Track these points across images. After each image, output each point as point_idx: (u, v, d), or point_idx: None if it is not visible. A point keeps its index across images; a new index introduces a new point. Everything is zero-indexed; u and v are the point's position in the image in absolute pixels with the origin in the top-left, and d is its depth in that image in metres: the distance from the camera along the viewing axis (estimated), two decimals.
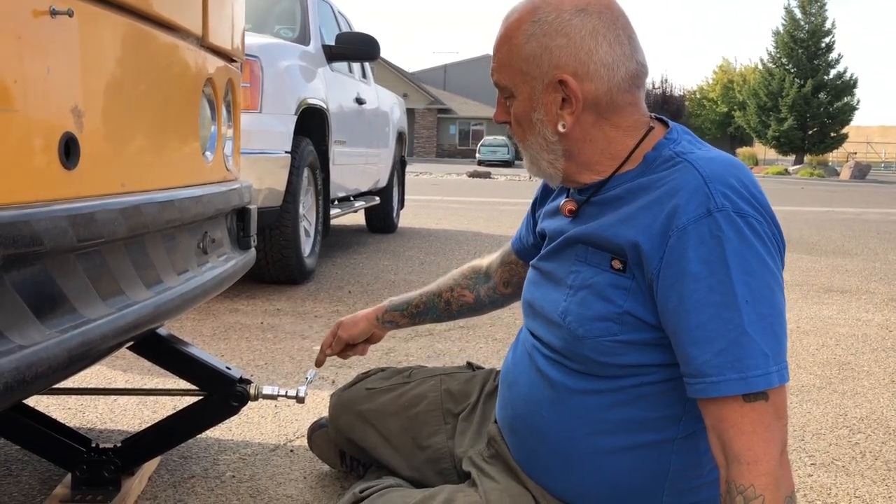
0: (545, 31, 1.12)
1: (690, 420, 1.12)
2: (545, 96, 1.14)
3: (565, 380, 1.18)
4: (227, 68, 1.80)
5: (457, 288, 1.62)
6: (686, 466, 1.16)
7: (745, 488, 0.99)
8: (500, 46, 1.18)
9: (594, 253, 1.15)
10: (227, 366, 1.68)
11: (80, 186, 1.11)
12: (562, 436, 1.19)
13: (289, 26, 4.80)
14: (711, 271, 1.02)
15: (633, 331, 1.11)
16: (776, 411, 1.01)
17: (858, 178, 29.50)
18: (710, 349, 1.01)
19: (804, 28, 36.05)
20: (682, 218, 1.04)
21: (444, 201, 11.46)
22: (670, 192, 1.07)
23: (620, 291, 1.11)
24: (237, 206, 1.82)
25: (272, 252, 3.93)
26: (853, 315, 3.88)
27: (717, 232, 1.02)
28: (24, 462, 1.81)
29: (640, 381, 1.13)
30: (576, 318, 1.15)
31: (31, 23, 0.99)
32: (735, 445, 1.01)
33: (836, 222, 9.60)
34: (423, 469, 1.49)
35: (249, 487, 1.72)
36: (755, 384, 1.00)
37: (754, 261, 1.03)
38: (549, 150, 1.17)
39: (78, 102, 1.11)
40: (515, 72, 1.15)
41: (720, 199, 1.04)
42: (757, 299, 1.02)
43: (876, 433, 2.20)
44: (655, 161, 1.13)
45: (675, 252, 1.04)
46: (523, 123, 1.18)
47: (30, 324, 0.94)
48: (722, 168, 1.08)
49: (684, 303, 1.03)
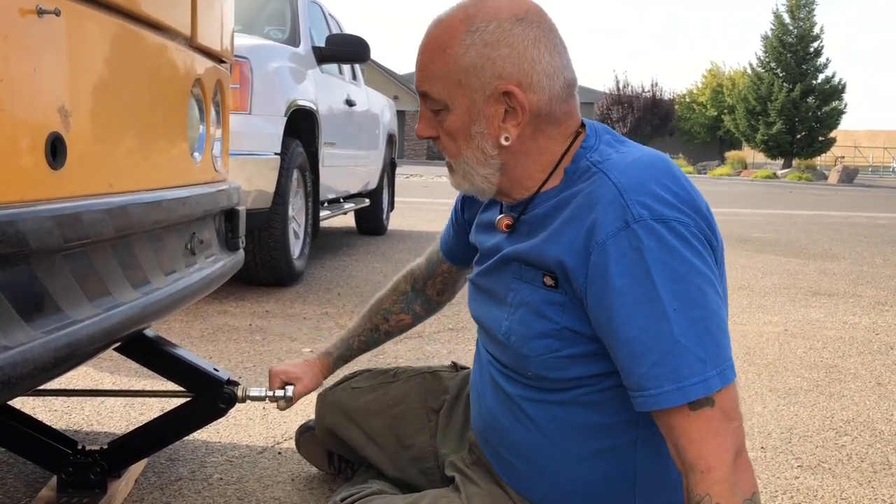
0: (486, 40, 1.08)
1: (648, 422, 1.10)
2: (487, 108, 1.10)
3: (520, 392, 1.19)
4: (216, 69, 1.80)
5: (391, 316, 1.63)
6: (654, 466, 1.16)
7: (700, 498, 0.98)
8: (431, 57, 1.12)
9: (527, 270, 1.15)
10: (214, 367, 1.67)
11: (66, 186, 1.11)
12: (528, 446, 1.19)
13: (278, 28, 4.79)
14: (636, 283, 1.00)
15: (574, 344, 1.10)
16: (724, 415, 1.00)
17: (846, 181, 29.67)
18: (644, 362, 1.00)
19: (793, 32, 36.23)
20: (600, 233, 1.03)
21: (433, 203, 11.45)
22: (588, 207, 1.06)
23: (555, 308, 1.10)
24: (226, 207, 1.81)
25: (261, 254, 3.92)
26: (840, 318, 3.91)
27: (637, 243, 1.01)
28: (8, 464, 1.80)
29: (589, 390, 1.13)
30: (519, 338, 1.15)
31: (18, 22, 0.99)
32: (688, 454, 1.00)
33: (824, 226, 9.65)
34: (408, 469, 1.50)
35: (237, 490, 1.71)
36: (693, 392, 0.98)
37: (679, 265, 1.01)
38: (486, 164, 1.13)
39: (65, 102, 1.10)
40: (451, 84, 1.10)
41: (637, 209, 1.02)
42: (686, 305, 1.00)
43: (862, 435, 2.21)
44: (574, 174, 1.12)
45: (597, 268, 1.03)
46: (459, 137, 1.13)
47: (15, 324, 0.93)
48: (638, 174, 1.06)
49: (613, 318, 1.02)
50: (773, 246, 7.05)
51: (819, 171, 33.44)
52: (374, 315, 1.64)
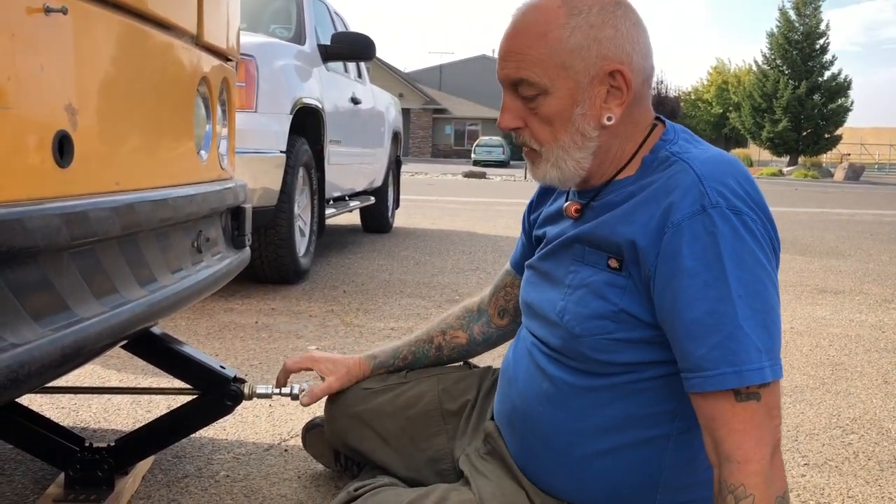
0: (591, 22, 1.10)
1: (685, 416, 1.13)
2: (591, 89, 1.11)
3: (564, 376, 1.19)
4: (223, 67, 1.80)
5: (449, 331, 1.58)
6: (680, 463, 1.16)
7: (735, 487, 1.00)
8: (529, 42, 1.11)
9: (591, 252, 1.16)
10: (221, 365, 1.68)
11: (73, 185, 1.11)
12: (559, 431, 1.20)
13: (284, 26, 4.79)
14: (706, 267, 1.03)
15: (629, 329, 1.11)
16: (768, 411, 1.02)
17: (852, 179, 29.58)
18: (705, 344, 1.02)
19: (798, 30, 36.15)
20: (676, 215, 1.05)
21: (439, 201, 11.46)
22: (666, 190, 1.08)
23: (616, 290, 1.12)
24: (232, 205, 1.81)
25: (267, 251, 3.93)
26: (847, 316, 3.90)
27: (712, 228, 1.03)
28: (16, 461, 1.80)
29: (635, 377, 1.14)
30: (573, 317, 1.15)
31: (25, 20, 0.99)
32: (726, 445, 1.02)
33: (830, 223, 9.63)
34: (423, 469, 1.49)
35: (244, 487, 1.72)
36: (749, 378, 1.00)
37: (748, 256, 1.03)
38: (583, 147, 1.14)
39: (72, 100, 1.10)
40: (553, 67, 1.10)
41: (714, 195, 1.05)
42: (750, 294, 1.02)
43: (869, 433, 2.20)
44: (652, 164, 1.14)
45: (670, 248, 1.05)
46: (556, 121, 1.13)
47: (23, 322, 0.94)
48: (717, 166, 1.09)
49: (680, 299, 1.04)
50: (780, 241, 7.03)
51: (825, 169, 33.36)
52: (433, 328, 1.60)
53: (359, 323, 3.35)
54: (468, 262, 5.23)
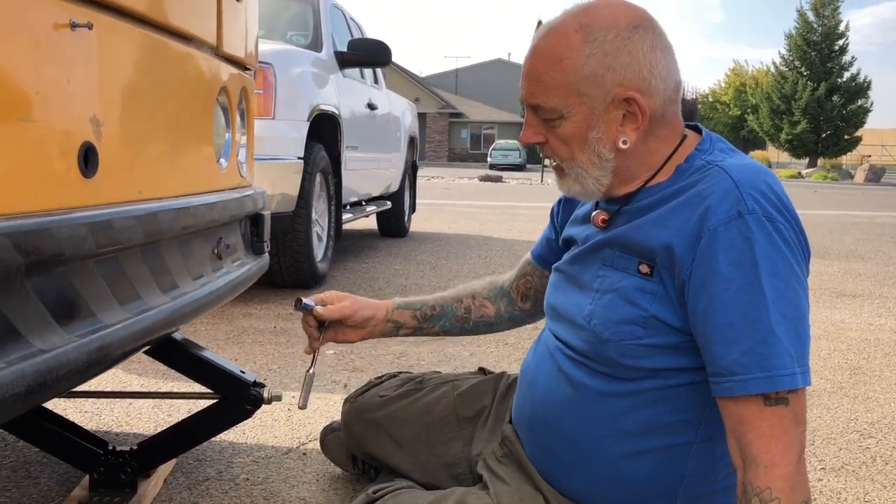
0: (606, 50, 1.11)
1: (710, 424, 1.14)
2: (606, 115, 1.13)
3: (588, 381, 1.20)
4: (241, 76, 1.83)
5: (478, 297, 1.56)
6: (701, 472, 1.17)
7: (761, 490, 1.01)
8: (546, 68, 1.13)
9: (621, 257, 1.17)
10: (241, 370, 1.70)
11: (98, 194, 1.14)
12: (581, 436, 1.21)
13: (301, 33, 4.83)
14: (741, 272, 1.04)
15: (658, 334, 1.12)
16: (796, 417, 1.03)
17: (873, 181, 29.30)
18: (737, 348, 1.03)
19: (817, 31, 35.90)
20: (713, 219, 1.06)
21: (455, 205, 11.48)
22: (702, 196, 1.09)
23: (647, 296, 1.13)
24: (251, 212, 1.84)
25: (285, 257, 3.96)
26: (865, 319, 3.87)
27: (748, 234, 1.05)
28: (42, 464, 1.84)
29: (661, 383, 1.15)
30: (601, 321, 1.16)
31: (52, 35, 1.02)
32: (753, 448, 1.02)
33: (850, 226, 9.55)
34: (438, 474, 1.50)
35: (263, 490, 1.74)
36: (781, 383, 1.01)
37: (782, 264, 1.05)
38: (600, 166, 1.16)
39: (96, 112, 1.13)
40: (569, 93, 1.12)
41: (751, 202, 1.06)
42: (782, 301, 1.04)
43: (887, 438, 2.20)
44: (687, 171, 1.15)
45: (706, 253, 1.06)
46: (573, 142, 1.16)
47: (50, 328, 0.97)
48: (753, 174, 1.10)
49: (714, 302, 1.05)
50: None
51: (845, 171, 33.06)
52: (460, 290, 1.57)
53: None
54: (484, 267, 5.24)
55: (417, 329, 1.54)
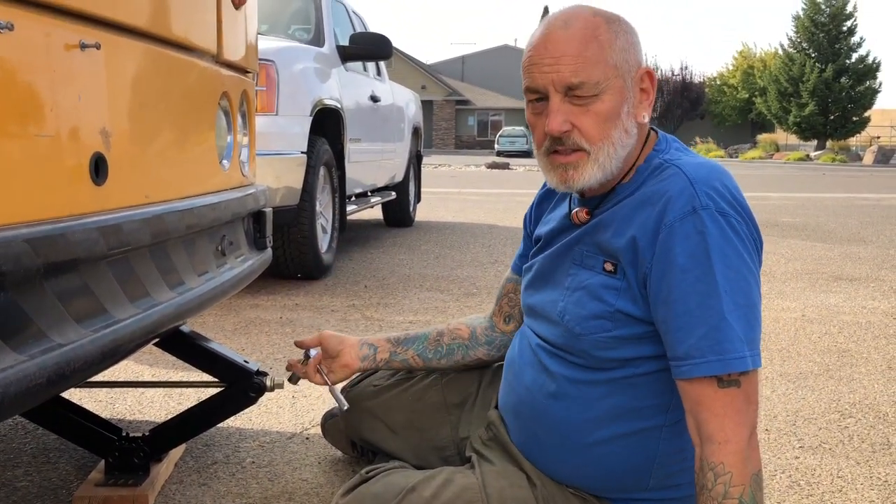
0: (625, 29, 1.23)
1: (678, 409, 1.23)
2: (634, 88, 1.23)
3: (565, 371, 1.30)
4: (242, 80, 1.92)
5: (454, 324, 1.65)
6: (672, 452, 1.28)
7: (715, 465, 1.11)
8: (585, 45, 1.18)
9: (589, 256, 1.28)
10: (245, 359, 1.80)
11: (108, 200, 1.24)
12: (561, 422, 1.31)
13: (303, 27, 4.91)
14: (696, 264, 1.14)
15: (625, 326, 1.23)
16: (747, 397, 1.13)
17: (882, 162, 29.17)
18: (694, 334, 1.13)
19: (825, 12, 35.63)
20: (670, 215, 1.16)
21: (461, 193, 11.55)
22: (660, 194, 1.19)
23: (612, 292, 1.23)
24: (253, 209, 1.94)
25: (290, 249, 4.06)
26: (860, 303, 3.95)
27: (702, 228, 1.14)
28: (60, 450, 1.95)
29: (632, 372, 1.25)
30: (573, 318, 1.27)
31: (64, 56, 1.11)
32: (708, 427, 1.12)
33: (856, 208, 9.58)
34: (429, 457, 1.62)
35: (268, 472, 1.85)
36: (732, 366, 1.11)
37: (733, 255, 1.14)
38: (626, 145, 1.23)
39: (106, 124, 1.23)
40: (609, 66, 1.19)
41: (704, 198, 1.16)
42: (734, 290, 1.13)
43: (866, 417, 2.28)
44: (646, 171, 1.25)
45: (664, 247, 1.16)
46: (609, 120, 1.20)
47: (67, 325, 1.06)
48: (706, 172, 1.20)
49: (673, 292, 1.15)
50: (800, 230, 7.05)
51: (853, 152, 32.87)
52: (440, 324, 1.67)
53: (379, 317, 3.48)
54: (487, 256, 5.33)
55: (392, 353, 1.63)
